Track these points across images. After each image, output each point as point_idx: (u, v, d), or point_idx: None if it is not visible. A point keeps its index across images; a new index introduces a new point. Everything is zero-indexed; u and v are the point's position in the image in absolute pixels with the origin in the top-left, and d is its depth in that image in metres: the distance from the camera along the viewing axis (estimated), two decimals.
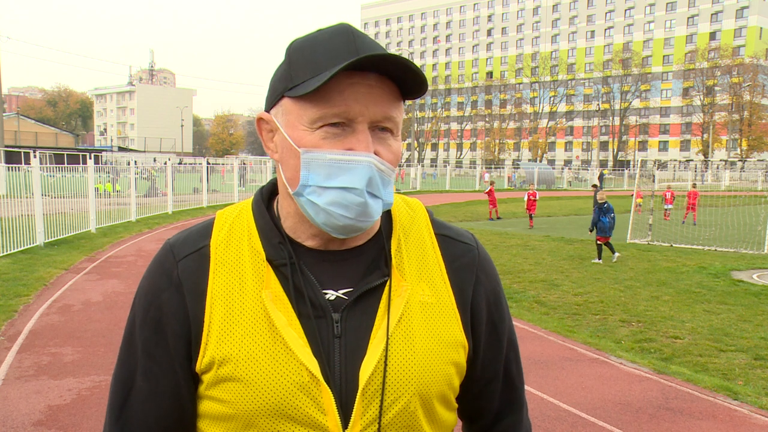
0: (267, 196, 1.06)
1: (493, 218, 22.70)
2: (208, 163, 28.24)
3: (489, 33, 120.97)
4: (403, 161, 76.15)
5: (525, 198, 21.47)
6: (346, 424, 0.92)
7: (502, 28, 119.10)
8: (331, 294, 0.97)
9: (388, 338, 0.95)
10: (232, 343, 0.94)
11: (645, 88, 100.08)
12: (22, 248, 11.81)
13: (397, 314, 0.97)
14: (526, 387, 5.38)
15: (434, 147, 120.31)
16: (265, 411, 0.92)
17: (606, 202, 12.94)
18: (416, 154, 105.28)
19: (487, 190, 23.51)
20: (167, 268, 1.00)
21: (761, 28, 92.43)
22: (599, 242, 12.84)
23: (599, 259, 12.73)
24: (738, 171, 62.84)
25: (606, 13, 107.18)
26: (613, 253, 12.79)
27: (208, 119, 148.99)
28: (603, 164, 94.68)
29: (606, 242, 12.81)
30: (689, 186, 23.33)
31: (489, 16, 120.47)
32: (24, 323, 7.15)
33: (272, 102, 0.98)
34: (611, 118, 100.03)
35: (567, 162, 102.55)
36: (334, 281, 0.98)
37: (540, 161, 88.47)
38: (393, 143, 0.95)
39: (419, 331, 0.98)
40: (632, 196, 19.72)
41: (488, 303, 1.07)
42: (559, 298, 9.28)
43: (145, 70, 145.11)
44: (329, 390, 0.92)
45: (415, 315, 0.99)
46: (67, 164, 16.85)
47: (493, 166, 75.26)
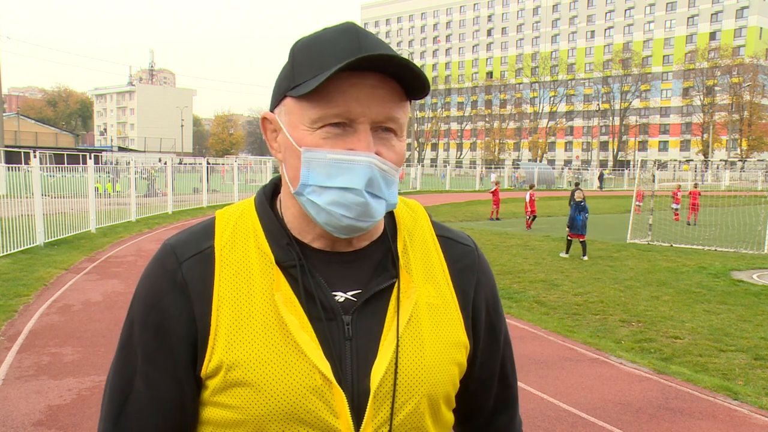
0: (270, 196, 1.05)
1: (494, 218, 22.72)
2: (208, 163, 28.24)
3: (489, 33, 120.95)
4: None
5: (527, 198, 20.39)
6: (358, 427, 0.92)
7: (502, 28, 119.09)
8: (340, 296, 0.97)
9: (398, 340, 0.95)
10: (242, 347, 0.92)
11: (645, 88, 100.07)
12: (22, 248, 11.81)
13: (406, 316, 0.97)
14: (527, 387, 5.41)
15: (434, 147, 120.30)
16: (277, 415, 0.91)
17: (583, 201, 13.55)
18: (416, 154, 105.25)
19: (492, 190, 23.42)
20: (170, 270, 0.97)
21: (761, 28, 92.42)
22: (570, 238, 13.50)
23: (566, 254, 13.41)
24: (738, 171, 62.85)
25: (606, 13, 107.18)
26: (584, 254, 13.21)
27: (208, 119, 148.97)
28: (603, 164, 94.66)
29: (581, 240, 13.35)
30: (690, 186, 23.23)
31: (489, 16, 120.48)
32: (24, 323, 7.14)
33: (276, 101, 0.98)
34: (611, 118, 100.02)
35: (567, 162, 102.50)
36: (343, 283, 0.98)
37: (540, 161, 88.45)
38: (396, 144, 0.95)
39: (427, 333, 0.98)
40: (634, 197, 19.63)
41: (487, 304, 1.09)
42: (559, 298, 9.28)
43: (145, 70, 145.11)
44: (342, 392, 0.91)
45: (423, 316, 0.99)
46: (67, 164, 16.86)
47: (494, 166, 75.24)
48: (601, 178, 52.56)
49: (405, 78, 0.92)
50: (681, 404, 5.18)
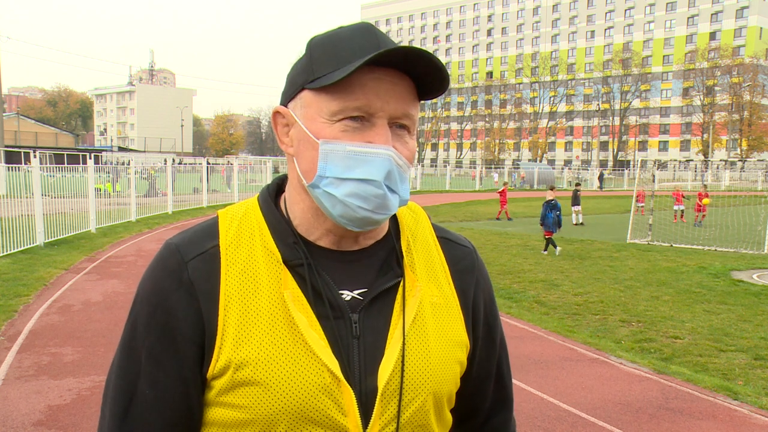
0: (274, 195, 1.05)
1: (501, 218, 22.44)
2: (208, 163, 28.24)
3: (489, 33, 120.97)
4: None
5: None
6: (366, 424, 0.92)
7: (502, 28, 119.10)
8: (347, 294, 0.97)
9: (405, 338, 0.96)
10: (251, 346, 0.92)
11: (645, 88, 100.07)
12: (22, 248, 11.81)
13: (412, 314, 0.98)
14: (527, 387, 5.41)
15: (434, 147, 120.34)
16: (286, 414, 0.91)
17: (554, 200, 14.13)
18: (417, 154, 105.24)
19: (501, 190, 23.10)
20: (175, 270, 0.96)
21: (761, 28, 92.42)
22: (546, 237, 13.97)
23: (545, 251, 13.85)
24: (738, 171, 62.86)
25: (606, 13, 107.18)
26: (555, 248, 13.74)
27: (208, 119, 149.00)
28: (603, 164, 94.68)
29: (547, 237, 13.92)
30: (700, 187, 22.81)
31: (489, 16, 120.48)
32: (24, 323, 7.14)
33: (290, 95, 0.98)
34: (611, 118, 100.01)
35: (567, 162, 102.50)
36: (349, 282, 0.98)
37: (540, 161, 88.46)
38: (409, 141, 0.96)
39: (432, 332, 0.99)
40: (635, 197, 19.50)
41: (485, 305, 1.10)
42: (559, 298, 9.28)
43: (145, 70, 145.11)
44: (350, 390, 0.92)
45: (428, 315, 1.00)
46: (67, 164, 16.87)
47: (494, 166, 75.22)
48: (601, 178, 52.57)
49: (424, 75, 0.93)
50: (681, 404, 5.18)
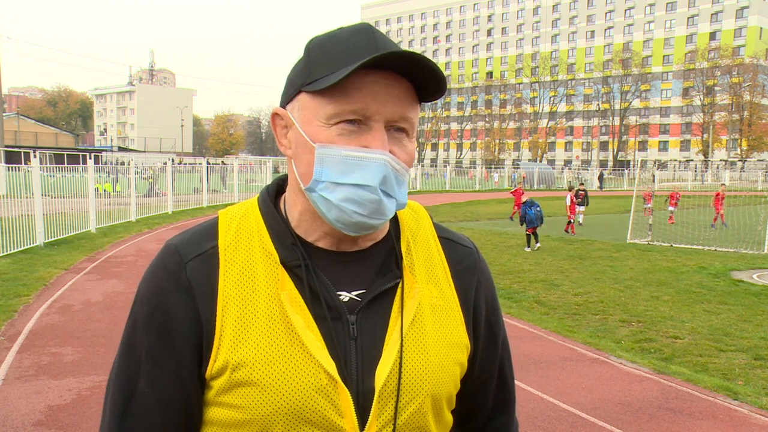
0: (273, 195, 1.05)
1: (514, 219, 21.75)
2: (208, 163, 28.24)
3: (489, 33, 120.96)
4: None
5: (568, 201, 18.59)
6: (363, 426, 0.92)
7: (502, 28, 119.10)
8: (345, 295, 0.97)
9: (402, 340, 0.96)
10: (248, 347, 0.92)
11: (645, 88, 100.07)
12: (22, 248, 11.81)
13: (410, 316, 0.98)
14: (527, 387, 5.41)
15: (434, 147, 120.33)
16: (282, 415, 0.91)
17: (529, 199, 14.96)
18: (416, 154, 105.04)
19: (513, 190, 22.48)
20: (174, 270, 0.97)
21: (761, 28, 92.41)
22: (528, 233, 14.44)
23: (528, 248, 14.32)
24: (738, 171, 62.83)
25: (606, 13, 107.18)
26: (536, 242, 14.40)
27: (208, 119, 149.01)
28: (603, 164, 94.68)
29: (529, 233, 14.42)
30: (719, 187, 22.24)
31: (489, 16, 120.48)
32: (24, 323, 7.14)
33: (289, 97, 0.97)
34: (611, 118, 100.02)
35: (567, 162, 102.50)
36: (347, 283, 0.98)
37: (540, 161, 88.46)
38: (408, 144, 0.95)
39: (431, 333, 0.99)
40: (642, 198, 19.29)
41: (487, 305, 1.09)
42: (559, 298, 9.28)
43: (145, 70, 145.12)
44: (347, 392, 0.91)
45: (427, 317, 0.99)
46: (67, 164, 16.87)
47: (494, 166, 75.20)
48: (601, 178, 52.59)
49: (422, 78, 0.92)
50: (681, 404, 5.18)
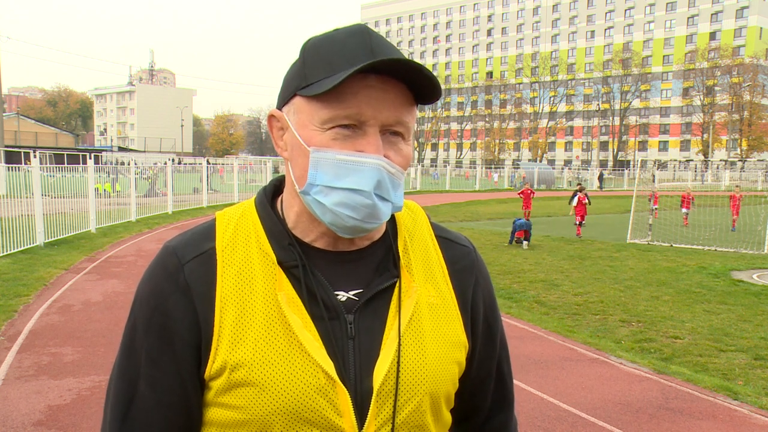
0: (270, 196, 1.05)
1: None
2: (208, 163, 28.24)
3: (489, 33, 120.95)
4: None
5: (575, 202, 18.04)
6: (362, 425, 0.92)
7: (502, 28, 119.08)
8: (342, 295, 0.97)
9: (400, 339, 0.96)
10: (246, 347, 0.92)
11: (645, 88, 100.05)
12: (22, 248, 11.81)
13: (408, 315, 0.98)
14: (527, 387, 5.41)
15: (434, 147, 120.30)
16: (281, 415, 0.91)
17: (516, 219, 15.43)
18: (416, 154, 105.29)
19: (522, 190, 21.87)
20: (172, 272, 0.97)
21: (761, 28, 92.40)
22: (517, 236, 14.81)
23: (511, 243, 14.91)
24: (738, 171, 62.82)
25: (606, 13, 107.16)
26: (523, 242, 14.66)
27: (208, 119, 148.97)
28: (603, 164, 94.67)
29: (523, 237, 14.69)
30: (733, 188, 21.53)
31: (489, 16, 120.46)
32: (24, 323, 7.14)
33: (285, 100, 0.98)
34: (611, 118, 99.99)
35: (567, 162, 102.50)
36: (344, 282, 0.98)
37: (540, 161, 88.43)
38: (404, 147, 0.95)
39: (429, 332, 0.99)
40: (648, 199, 19.14)
41: (485, 304, 1.10)
42: (559, 298, 9.28)
43: (145, 70, 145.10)
44: (345, 391, 0.92)
45: (424, 316, 1.00)
46: (67, 164, 16.86)
47: (494, 166, 75.21)
48: (601, 178, 52.60)
49: (416, 83, 0.92)
50: (681, 404, 5.18)
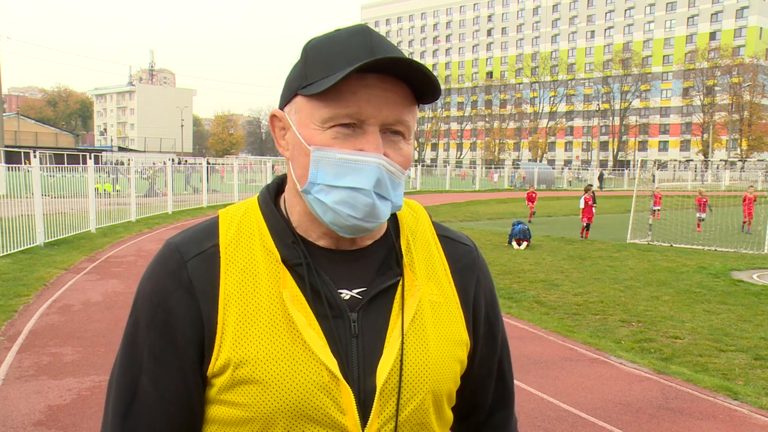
0: (273, 195, 1.05)
1: (532, 221, 21.22)
2: (208, 163, 28.24)
3: (489, 33, 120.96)
4: None
5: (582, 204, 17.41)
6: (365, 423, 0.93)
7: (502, 28, 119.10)
8: (346, 293, 0.98)
9: (403, 337, 0.96)
10: (250, 345, 0.93)
11: (645, 88, 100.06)
12: (22, 248, 11.80)
13: (411, 313, 0.98)
14: (527, 387, 5.41)
15: (434, 147, 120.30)
16: (284, 412, 0.91)
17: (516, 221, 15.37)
18: (416, 154, 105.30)
19: (528, 193, 21.95)
20: (174, 269, 0.97)
21: (761, 28, 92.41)
22: (515, 241, 14.87)
23: (509, 245, 14.95)
24: (738, 171, 62.85)
25: (606, 13, 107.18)
26: (520, 245, 14.70)
27: (208, 119, 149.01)
28: (603, 164, 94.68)
29: (523, 243, 14.74)
30: (747, 188, 21.17)
31: (489, 16, 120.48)
32: (24, 323, 7.14)
33: (286, 99, 0.98)
34: (611, 118, 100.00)
35: (567, 162, 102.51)
36: (348, 281, 0.98)
37: (540, 161, 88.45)
38: (404, 146, 0.95)
39: (431, 330, 1.00)
40: (653, 200, 19.07)
41: (486, 303, 1.10)
42: (559, 298, 9.28)
43: (145, 70, 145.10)
44: (349, 389, 0.92)
45: (427, 314, 1.00)
46: (67, 164, 16.87)
47: (494, 166, 75.23)
48: (601, 178, 52.64)
49: (416, 82, 0.92)
50: (681, 404, 5.18)
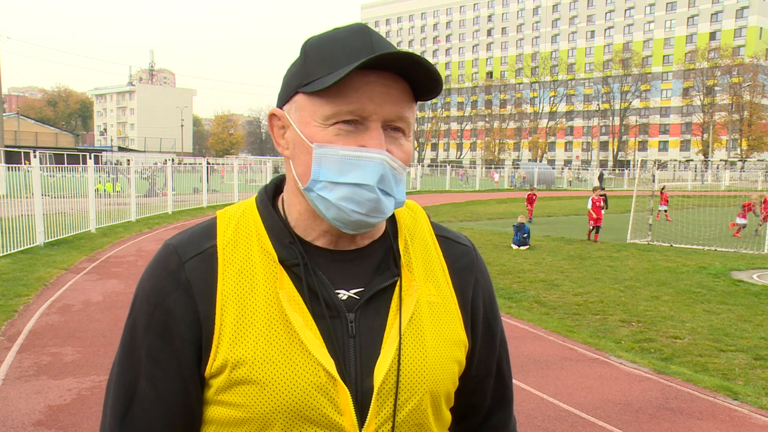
0: (271, 195, 1.05)
1: (531, 220, 20.80)
2: (208, 163, 28.24)
3: (489, 33, 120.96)
4: None
5: (589, 205, 16.73)
6: (362, 423, 0.93)
7: (502, 28, 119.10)
8: (343, 294, 0.98)
9: (401, 337, 0.96)
10: (247, 345, 0.93)
11: (645, 88, 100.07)
12: (22, 248, 11.80)
13: (408, 314, 0.98)
14: (527, 387, 5.41)
15: (434, 147, 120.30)
16: (282, 413, 0.91)
17: (517, 224, 14.93)
18: (416, 154, 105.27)
19: (528, 194, 21.58)
20: (173, 270, 0.97)
21: (761, 28, 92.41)
22: (518, 247, 14.79)
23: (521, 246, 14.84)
24: (738, 171, 62.85)
25: (606, 13, 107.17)
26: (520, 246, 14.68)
27: (208, 119, 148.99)
28: (603, 164, 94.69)
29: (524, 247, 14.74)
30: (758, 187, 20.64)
31: (489, 16, 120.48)
32: (24, 323, 7.14)
33: (285, 98, 0.98)
34: (611, 118, 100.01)
35: (567, 162, 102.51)
36: (345, 281, 0.98)
37: (540, 161, 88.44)
38: (405, 143, 0.96)
39: (429, 331, 1.00)
40: (660, 200, 18.89)
41: (485, 303, 1.10)
42: (559, 298, 9.27)
43: (145, 70, 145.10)
44: (346, 390, 0.92)
45: (425, 314, 1.00)
46: (67, 164, 16.86)
47: (494, 166, 75.21)
48: (601, 178, 52.58)
49: (418, 78, 0.92)
50: (681, 404, 5.18)
